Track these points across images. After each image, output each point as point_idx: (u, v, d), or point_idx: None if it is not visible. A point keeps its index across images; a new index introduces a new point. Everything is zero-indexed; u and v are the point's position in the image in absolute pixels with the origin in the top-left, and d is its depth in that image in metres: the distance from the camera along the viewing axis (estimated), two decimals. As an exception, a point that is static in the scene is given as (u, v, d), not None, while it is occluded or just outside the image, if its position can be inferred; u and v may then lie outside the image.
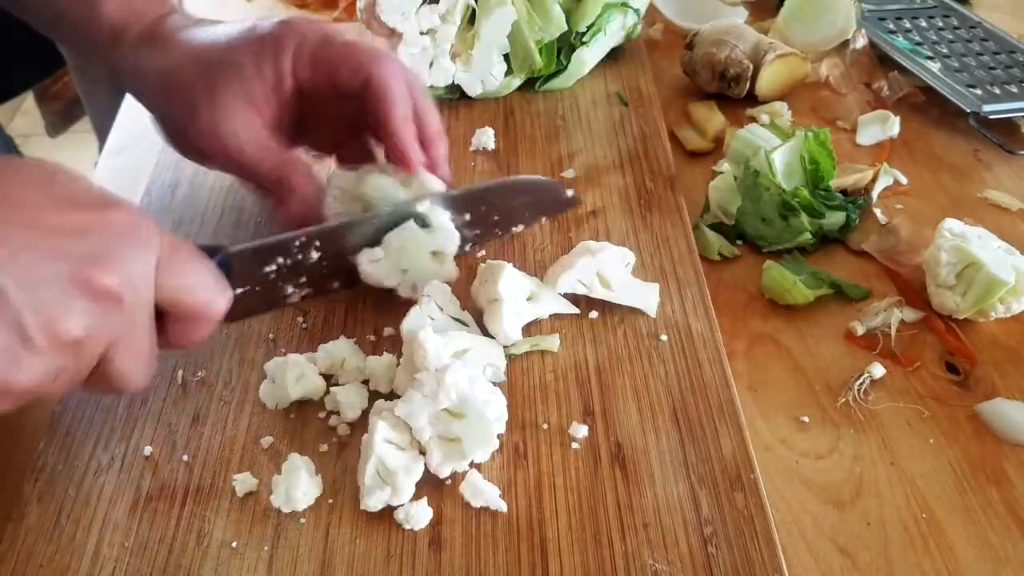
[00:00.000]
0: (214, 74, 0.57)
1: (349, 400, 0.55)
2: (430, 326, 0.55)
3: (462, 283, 0.61)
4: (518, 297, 0.59)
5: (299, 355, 0.57)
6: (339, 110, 0.61)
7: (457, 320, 0.59)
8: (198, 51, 0.58)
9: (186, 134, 0.59)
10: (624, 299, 0.61)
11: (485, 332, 0.59)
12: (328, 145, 0.65)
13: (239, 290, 0.52)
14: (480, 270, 0.60)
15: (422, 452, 0.51)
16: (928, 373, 0.60)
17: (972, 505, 0.52)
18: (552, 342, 0.59)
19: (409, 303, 0.58)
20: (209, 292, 0.47)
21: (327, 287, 0.58)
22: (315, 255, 0.56)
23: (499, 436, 0.53)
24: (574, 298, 0.61)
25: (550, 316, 0.61)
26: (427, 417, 0.50)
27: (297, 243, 0.55)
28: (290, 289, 0.56)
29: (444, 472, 0.51)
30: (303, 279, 0.56)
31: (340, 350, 0.58)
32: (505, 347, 0.58)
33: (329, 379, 0.57)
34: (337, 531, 0.50)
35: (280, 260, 0.55)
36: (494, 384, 0.54)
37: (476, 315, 0.60)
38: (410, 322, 0.56)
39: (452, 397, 0.49)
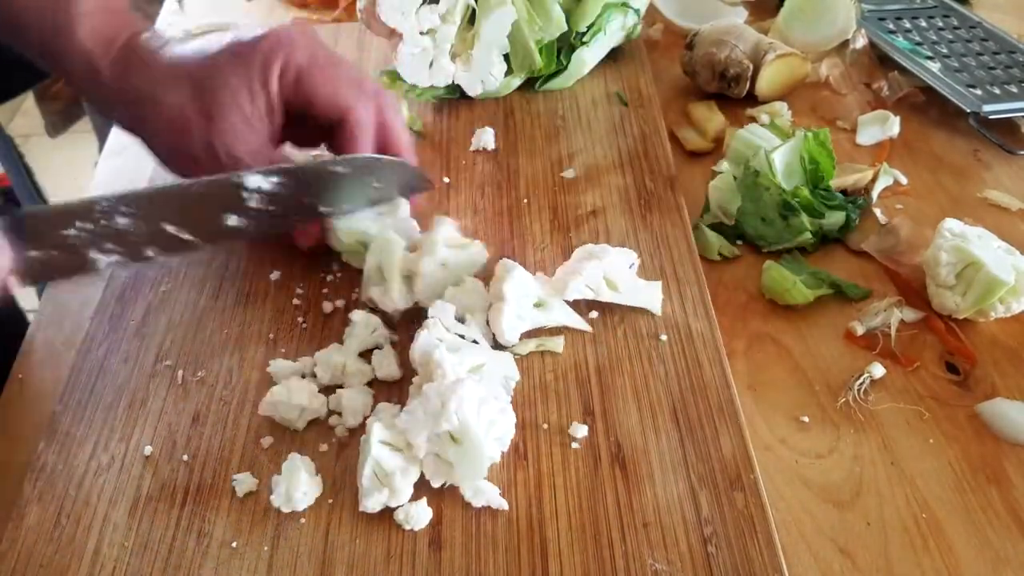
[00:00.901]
0: (207, 97, 0.57)
1: (353, 406, 0.55)
2: (443, 345, 0.54)
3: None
4: (524, 301, 0.58)
5: (301, 380, 0.56)
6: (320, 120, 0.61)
7: (464, 337, 0.58)
8: (183, 72, 0.57)
9: (185, 159, 0.59)
10: (631, 300, 0.61)
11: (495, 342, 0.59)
12: (313, 139, 0.65)
13: (34, 252, 0.51)
14: (496, 266, 0.60)
15: (421, 452, 0.51)
16: (928, 373, 0.60)
17: (972, 505, 0.52)
18: (557, 343, 0.59)
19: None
20: None
21: (140, 254, 0.55)
22: (123, 221, 0.53)
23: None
24: (575, 303, 0.61)
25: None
26: (426, 435, 0.50)
27: (99, 208, 0.52)
28: (96, 254, 0.53)
29: (436, 483, 0.51)
30: (110, 245, 0.53)
31: (338, 357, 0.57)
32: (511, 347, 0.58)
33: (331, 389, 0.57)
34: (337, 531, 0.50)
35: (80, 224, 0.52)
36: (509, 395, 0.55)
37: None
38: (420, 346, 0.55)
39: (453, 423, 0.49)
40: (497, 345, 0.58)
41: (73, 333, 0.64)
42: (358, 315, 0.59)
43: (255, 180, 0.56)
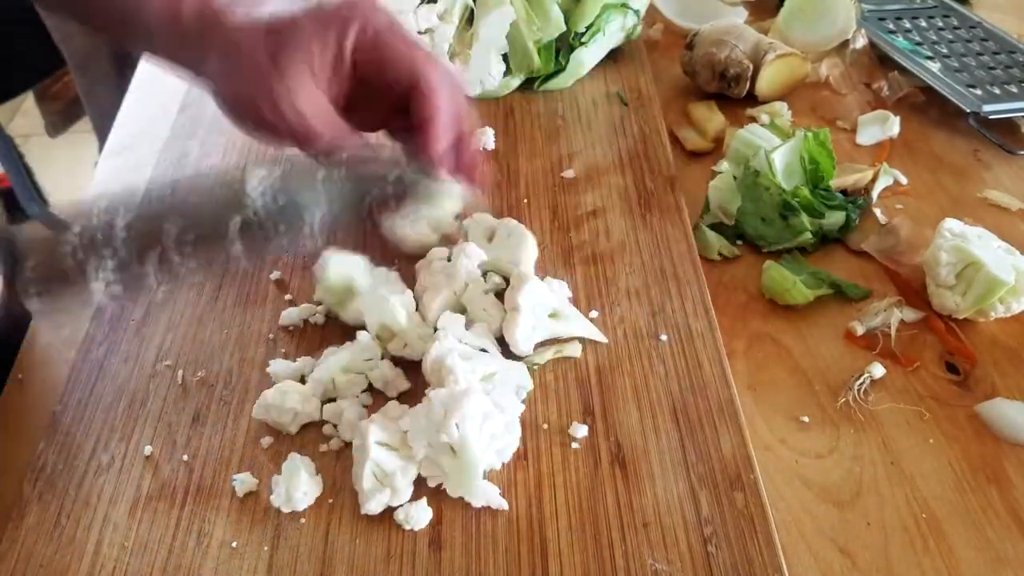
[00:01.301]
0: (280, 47, 0.57)
1: (349, 417, 0.54)
2: (455, 353, 0.54)
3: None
4: (539, 312, 0.58)
5: (295, 384, 0.55)
6: (387, 95, 0.61)
7: (477, 348, 0.57)
8: (262, 24, 0.58)
9: (249, 107, 0.59)
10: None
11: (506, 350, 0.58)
12: (374, 124, 0.65)
13: (29, 274, 0.49)
14: (512, 275, 0.60)
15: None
16: (928, 373, 0.60)
17: (972, 505, 0.52)
18: (575, 349, 0.58)
19: None
20: None
21: (139, 280, 0.51)
22: (121, 235, 0.50)
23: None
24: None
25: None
26: (426, 441, 0.50)
27: (96, 224, 0.50)
28: (95, 282, 0.50)
29: (433, 483, 0.51)
30: (110, 270, 0.50)
31: (333, 367, 0.56)
32: (530, 358, 0.57)
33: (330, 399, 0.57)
34: (337, 531, 0.50)
35: (77, 240, 0.49)
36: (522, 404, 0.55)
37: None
38: (433, 356, 0.54)
39: (454, 436, 0.49)
40: (511, 355, 0.58)
41: (73, 333, 0.64)
42: (363, 336, 0.58)
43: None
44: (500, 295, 0.61)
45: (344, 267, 0.60)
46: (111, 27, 0.61)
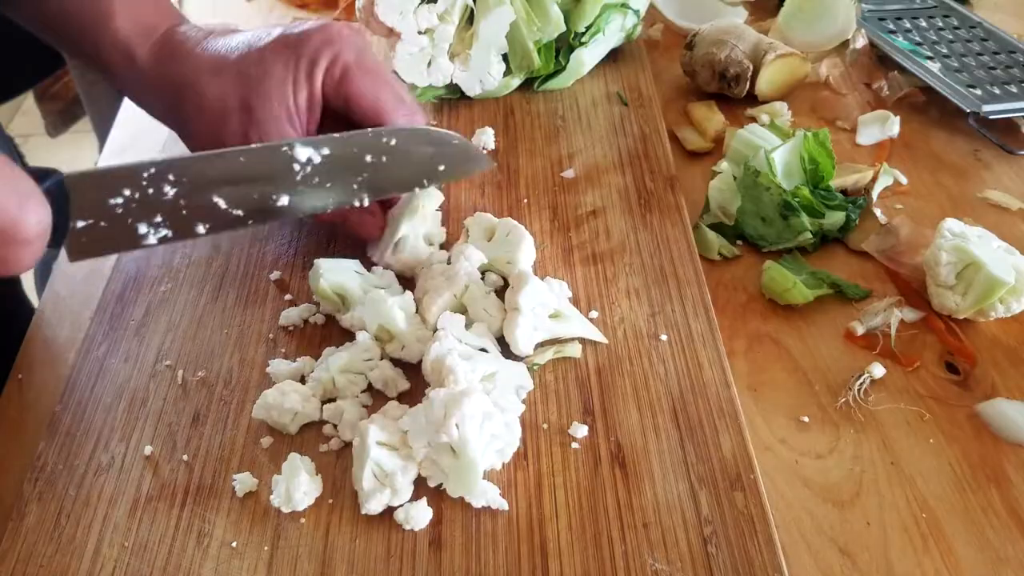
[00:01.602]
0: (250, 86, 0.56)
1: (349, 417, 0.54)
2: (455, 353, 0.54)
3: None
4: (539, 312, 0.58)
5: (295, 384, 0.55)
6: (352, 124, 0.61)
7: (477, 348, 0.57)
8: (227, 62, 0.57)
9: (214, 147, 0.58)
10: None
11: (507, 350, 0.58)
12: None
13: (80, 223, 0.48)
14: (512, 276, 0.60)
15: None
16: (928, 373, 0.60)
17: (972, 505, 0.52)
18: (575, 349, 0.58)
19: None
20: (9, 211, 0.42)
21: (190, 230, 0.52)
22: (170, 191, 0.50)
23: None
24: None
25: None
26: (426, 441, 0.50)
27: (147, 174, 0.49)
28: (144, 228, 0.50)
29: (433, 483, 0.51)
30: (159, 218, 0.50)
31: (333, 367, 0.56)
32: (530, 358, 0.57)
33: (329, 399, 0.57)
34: (337, 531, 0.50)
35: (127, 193, 0.49)
36: (522, 404, 0.55)
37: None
38: (433, 356, 0.54)
39: (453, 436, 0.49)
40: (511, 354, 0.58)
41: (73, 333, 0.65)
42: (363, 336, 0.58)
43: (305, 151, 0.53)
44: (499, 293, 0.61)
45: (335, 275, 0.60)
46: (77, 59, 0.61)
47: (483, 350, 0.57)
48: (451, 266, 0.61)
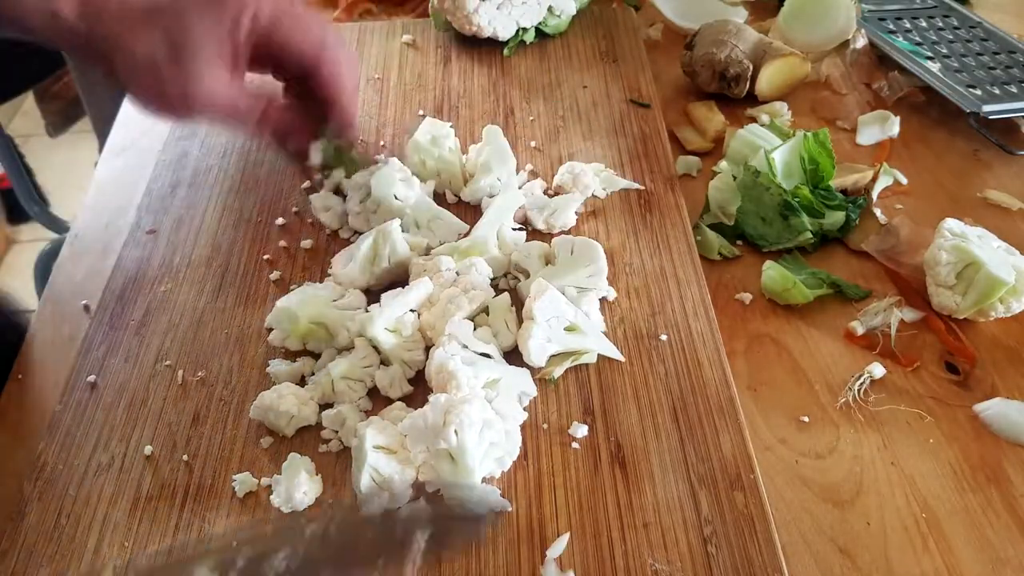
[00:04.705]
0: (176, 42, 0.56)
1: (350, 425, 0.54)
2: (458, 358, 0.53)
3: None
4: (554, 323, 0.57)
5: (293, 387, 0.55)
6: (287, 69, 0.62)
7: (480, 354, 0.56)
8: (152, 17, 0.56)
9: (154, 99, 0.58)
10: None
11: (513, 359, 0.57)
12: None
13: None
14: (532, 285, 0.58)
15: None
16: (928, 373, 0.60)
17: (972, 505, 0.52)
18: (591, 356, 0.57)
19: None
20: None
21: None
22: None
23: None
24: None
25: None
26: (424, 446, 0.50)
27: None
28: None
29: (431, 488, 0.50)
30: None
31: (333, 373, 0.56)
32: (547, 371, 0.56)
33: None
34: (337, 531, 0.50)
35: None
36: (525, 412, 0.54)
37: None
38: (436, 360, 0.54)
39: (451, 443, 0.48)
40: (524, 364, 0.57)
41: (73, 333, 0.64)
42: (362, 343, 0.57)
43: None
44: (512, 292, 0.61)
45: (310, 307, 0.58)
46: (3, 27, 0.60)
47: (486, 355, 0.56)
48: (462, 276, 0.60)
